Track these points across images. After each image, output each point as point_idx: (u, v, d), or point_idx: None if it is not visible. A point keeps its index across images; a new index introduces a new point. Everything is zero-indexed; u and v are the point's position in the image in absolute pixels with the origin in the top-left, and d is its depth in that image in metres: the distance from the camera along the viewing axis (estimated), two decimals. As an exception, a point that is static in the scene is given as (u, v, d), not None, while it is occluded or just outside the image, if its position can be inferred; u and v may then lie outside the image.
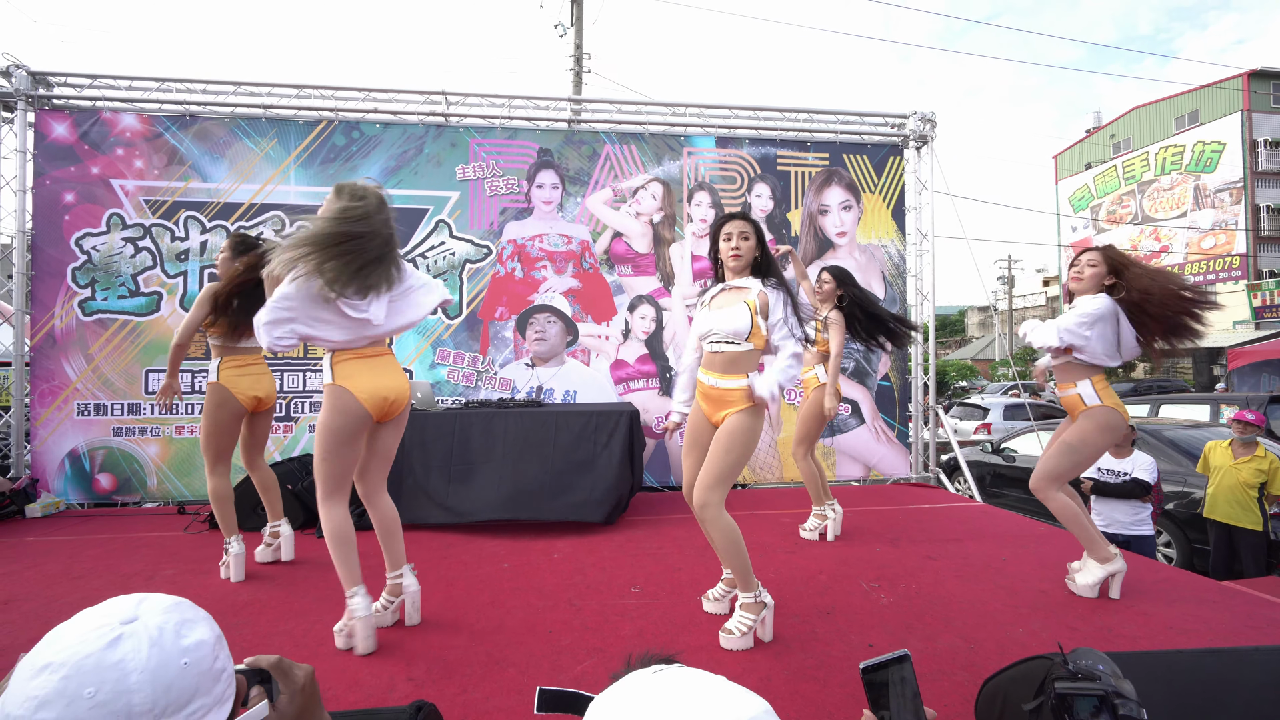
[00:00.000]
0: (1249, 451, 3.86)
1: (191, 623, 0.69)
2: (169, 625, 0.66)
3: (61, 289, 4.62)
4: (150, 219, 4.72)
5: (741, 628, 2.18)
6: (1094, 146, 28.13)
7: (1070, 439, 2.64)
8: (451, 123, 5.13)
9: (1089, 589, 2.61)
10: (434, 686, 1.92)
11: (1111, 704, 1.12)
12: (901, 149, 5.54)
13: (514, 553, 3.31)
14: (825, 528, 3.56)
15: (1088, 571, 2.65)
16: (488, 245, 5.07)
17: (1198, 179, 22.93)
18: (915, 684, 0.80)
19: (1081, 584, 2.64)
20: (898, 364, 5.43)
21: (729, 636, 2.17)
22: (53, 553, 3.38)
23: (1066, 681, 1.18)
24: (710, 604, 2.48)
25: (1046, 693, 1.20)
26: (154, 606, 0.68)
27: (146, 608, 0.67)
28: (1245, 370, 14.84)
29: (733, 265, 2.27)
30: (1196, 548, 4.32)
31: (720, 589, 2.49)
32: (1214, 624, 2.37)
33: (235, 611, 2.51)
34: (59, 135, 4.67)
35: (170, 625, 0.66)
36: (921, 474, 5.40)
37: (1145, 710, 1.11)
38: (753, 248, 2.27)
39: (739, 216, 2.30)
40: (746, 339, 2.20)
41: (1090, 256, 2.62)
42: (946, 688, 1.90)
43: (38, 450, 4.55)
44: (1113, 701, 1.12)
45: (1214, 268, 22.37)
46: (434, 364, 4.99)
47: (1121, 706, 1.12)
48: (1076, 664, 1.22)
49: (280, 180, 4.87)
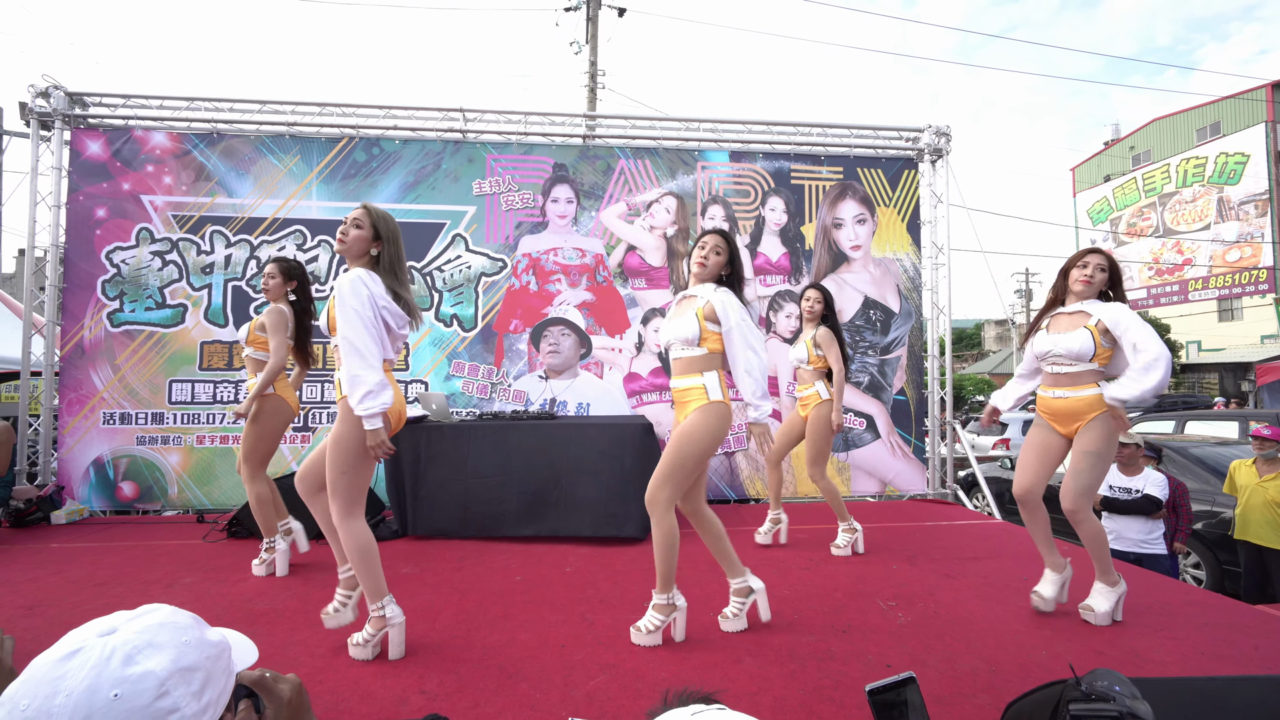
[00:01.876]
0: (1274, 468, 3.75)
1: (154, 649, 0.62)
2: (126, 647, 0.61)
3: (91, 301, 4.75)
4: (177, 233, 4.85)
5: (649, 626, 2.29)
6: (1113, 159, 27.82)
7: (1094, 447, 2.52)
8: (469, 139, 5.22)
9: (1106, 616, 2.52)
10: (446, 700, 1.92)
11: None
12: (916, 162, 5.53)
13: (527, 565, 3.30)
14: (856, 539, 3.56)
15: (1102, 598, 2.55)
16: (503, 259, 5.13)
17: (1221, 191, 22.54)
18: (922, 707, 0.79)
19: (1100, 612, 2.52)
20: (914, 378, 5.37)
21: (637, 633, 2.30)
22: (76, 559, 3.44)
23: (1081, 704, 1.15)
24: (727, 623, 2.45)
25: (1060, 715, 1.17)
26: (139, 623, 0.65)
27: (133, 622, 0.65)
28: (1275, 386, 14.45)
29: (695, 272, 2.36)
30: (1227, 569, 4.19)
31: (734, 606, 2.46)
32: (1247, 650, 2.29)
33: (252, 621, 2.53)
34: (93, 153, 4.83)
35: (127, 648, 0.61)
36: (939, 490, 5.31)
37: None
38: (721, 263, 2.34)
39: (719, 233, 2.38)
40: (698, 344, 2.29)
41: (1101, 261, 2.58)
42: (967, 711, 1.86)
43: (64, 458, 4.66)
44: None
45: (1240, 281, 21.91)
46: (449, 376, 5.04)
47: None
48: (1091, 685, 1.19)
49: (303, 196, 4.99)
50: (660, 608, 2.31)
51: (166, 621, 0.66)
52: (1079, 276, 2.53)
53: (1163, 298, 24.66)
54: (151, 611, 0.68)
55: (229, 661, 0.72)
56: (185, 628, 0.67)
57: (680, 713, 0.58)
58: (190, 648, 0.65)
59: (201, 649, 0.67)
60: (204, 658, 0.66)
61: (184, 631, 0.66)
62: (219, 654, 0.70)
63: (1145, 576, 3.19)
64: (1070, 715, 1.15)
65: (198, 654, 0.66)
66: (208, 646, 0.68)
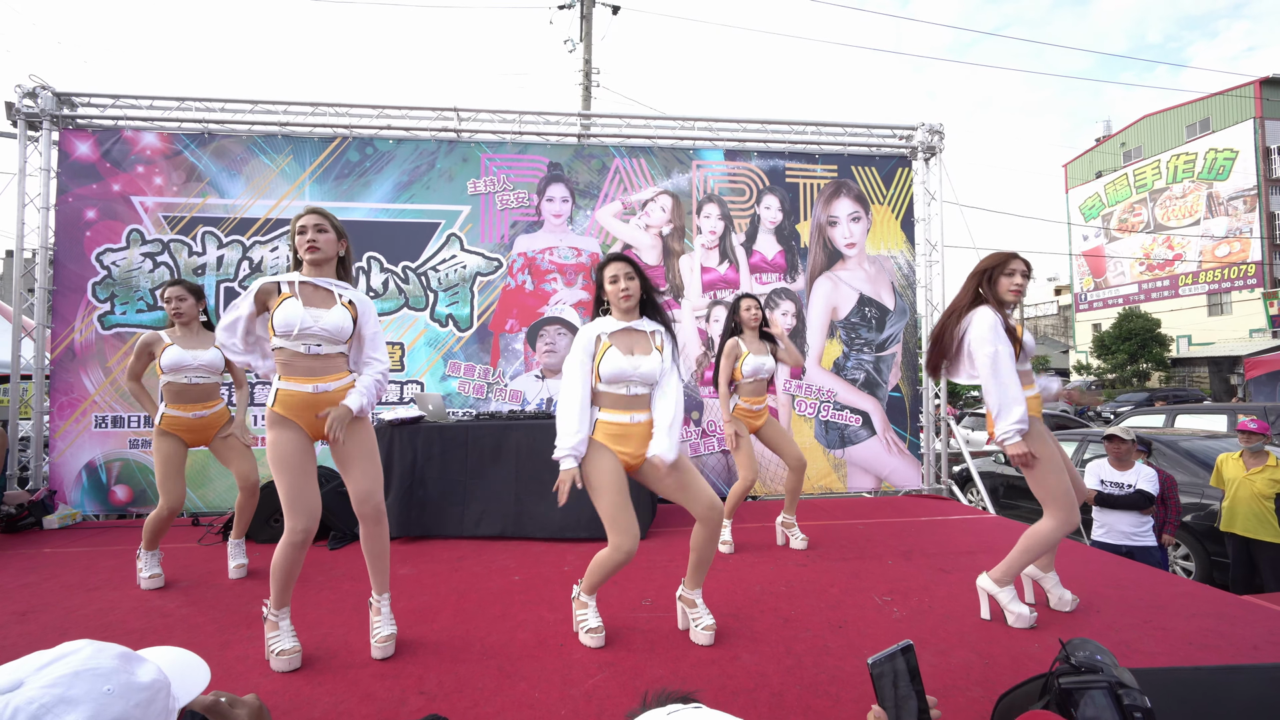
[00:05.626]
0: (1260, 461, 3.81)
1: (67, 705, 0.54)
2: (33, 706, 0.53)
3: (81, 303, 4.71)
4: (169, 234, 4.82)
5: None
6: (1104, 155, 28.02)
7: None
8: (463, 138, 5.21)
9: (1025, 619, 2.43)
10: (445, 700, 1.92)
11: (1115, 694, 1.10)
12: (910, 160, 5.55)
13: (525, 565, 3.31)
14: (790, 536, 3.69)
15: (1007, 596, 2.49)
16: (498, 258, 5.12)
17: (1210, 187, 22.76)
18: (912, 672, 0.81)
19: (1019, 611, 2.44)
20: (908, 374, 5.41)
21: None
22: (70, 564, 3.43)
23: (1071, 676, 1.16)
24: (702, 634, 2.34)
25: (1051, 690, 1.18)
26: (49, 673, 0.56)
27: (43, 673, 0.56)
28: (1262, 380, 14.61)
29: (624, 306, 2.30)
30: (1215, 561, 4.24)
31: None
32: (1235, 639, 2.33)
33: (247, 625, 2.52)
34: (82, 154, 4.79)
35: (34, 707, 0.53)
36: (934, 486, 5.35)
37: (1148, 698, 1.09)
38: (639, 287, 2.31)
39: (620, 259, 2.33)
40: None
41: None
42: (961, 704, 1.88)
43: (56, 462, 4.62)
44: (1116, 692, 1.10)
45: (1229, 275, 22.13)
46: (445, 376, 5.03)
47: (1125, 696, 1.10)
48: (1077, 655, 1.20)
49: (295, 196, 4.96)
50: (578, 603, 2.43)
51: (83, 669, 0.57)
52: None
53: (1153, 293, 24.89)
54: (67, 655, 0.59)
55: (166, 700, 0.64)
56: (107, 674, 0.58)
57: (657, 713, 0.57)
58: (114, 697, 0.56)
59: (128, 696, 0.58)
60: (131, 706, 0.58)
61: (106, 679, 0.57)
62: (150, 698, 0.61)
63: (1135, 569, 3.23)
64: (1060, 688, 1.15)
65: (123, 704, 0.57)
66: (135, 692, 0.59)
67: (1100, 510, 3.74)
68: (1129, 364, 23.84)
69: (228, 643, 2.34)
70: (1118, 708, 1.08)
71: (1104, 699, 1.09)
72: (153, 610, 2.72)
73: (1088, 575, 3.08)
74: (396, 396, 4.95)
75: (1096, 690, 1.11)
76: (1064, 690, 1.13)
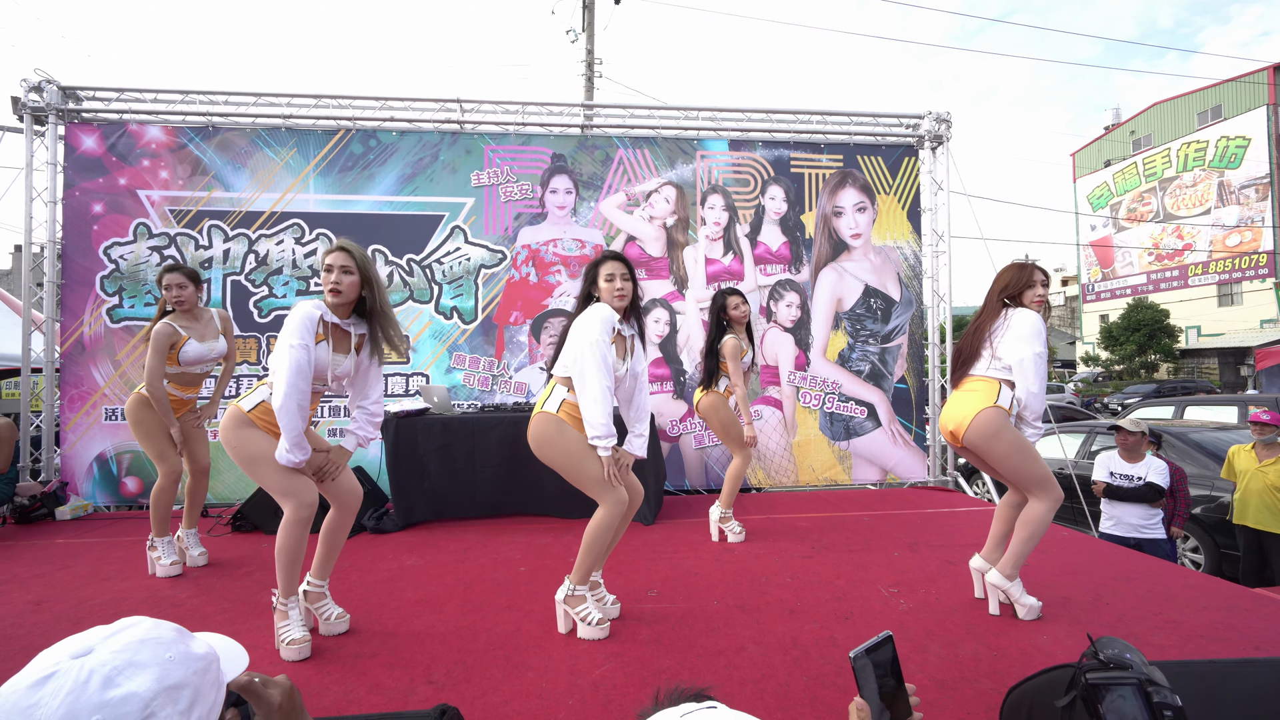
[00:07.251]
0: (1273, 453, 3.77)
1: (136, 668, 0.58)
2: (105, 669, 0.57)
3: (90, 297, 4.74)
4: (175, 228, 4.83)
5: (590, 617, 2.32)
6: (1113, 144, 27.67)
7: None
8: (466, 130, 5.18)
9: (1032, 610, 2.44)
10: (454, 690, 1.94)
11: (1145, 692, 1.09)
12: (916, 150, 5.49)
13: (531, 556, 3.32)
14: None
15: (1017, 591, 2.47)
16: (502, 250, 5.11)
17: (1222, 175, 22.44)
18: (893, 663, 0.83)
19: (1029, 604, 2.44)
20: (914, 366, 5.38)
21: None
22: (82, 555, 3.46)
23: (1098, 672, 1.14)
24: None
25: (1078, 685, 1.16)
26: (117, 641, 0.61)
27: (111, 640, 0.60)
28: (1274, 370, 14.47)
29: (621, 305, 2.29)
30: (1225, 553, 4.22)
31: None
32: (1247, 632, 2.32)
33: (258, 614, 2.55)
34: (88, 148, 4.80)
35: (106, 669, 0.57)
36: (939, 477, 5.34)
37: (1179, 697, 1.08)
38: (632, 288, 2.31)
39: (618, 258, 2.30)
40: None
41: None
42: (969, 695, 1.88)
43: (67, 454, 4.67)
44: (1146, 690, 1.09)
45: (1240, 265, 21.87)
46: (450, 368, 5.04)
47: (1155, 694, 1.08)
48: (1105, 653, 1.18)
49: (300, 189, 4.96)
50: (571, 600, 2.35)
51: (147, 637, 0.62)
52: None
53: (1162, 283, 24.63)
54: (130, 627, 0.63)
55: (218, 673, 0.69)
56: (168, 643, 0.63)
57: (670, 713, 0.55)
58: (175, 664, 0.61)
59: (187, 664, 0.62)
60: (190, 673, 0.62)
61: (167, 647, 0.62)
62: (206, 667, 0.66)
63: (1144, 561, 3.21)
64: (1088, 684, 1.13)
65: (183, 670, 0.61)
66: (193, 661, 0.64)
67: (1109, 503, 3.72)
68: (1137, 355, 23.66)
69: (238, 632, 2.36)
70: (1147, 706, 1.07)
71: (1133, 696, 1.08)
72: (164, 600, 2.75)
73: (1096, 567, 3.07)
74: (402, 389, 4.97)
75: (1126, 686, 1.09)
76: (1091, 685, 1.11)
